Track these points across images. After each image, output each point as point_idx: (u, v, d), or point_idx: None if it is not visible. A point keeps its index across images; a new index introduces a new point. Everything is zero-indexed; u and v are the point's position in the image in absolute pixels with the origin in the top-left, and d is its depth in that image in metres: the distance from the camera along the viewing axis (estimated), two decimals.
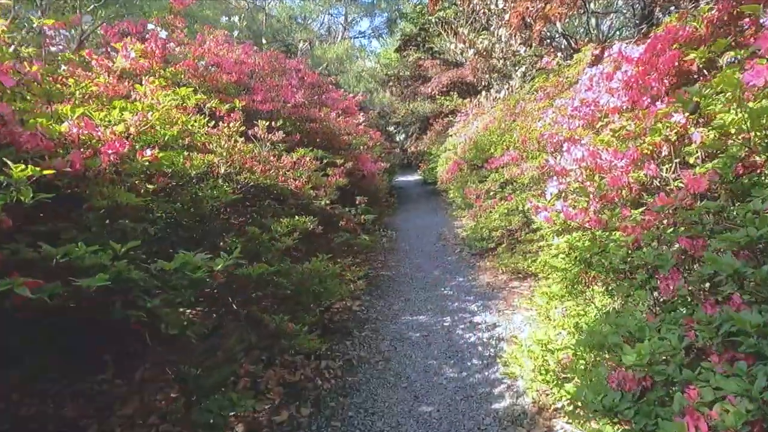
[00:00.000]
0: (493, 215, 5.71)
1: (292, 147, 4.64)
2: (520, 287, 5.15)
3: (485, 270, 5.93)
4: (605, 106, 3.02)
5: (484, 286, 5.34)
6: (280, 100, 4.75)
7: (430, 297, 5.03)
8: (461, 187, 7.44)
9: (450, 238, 8.14)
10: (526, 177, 3.17)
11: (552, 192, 2.54)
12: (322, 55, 12.07)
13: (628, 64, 3.09)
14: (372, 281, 5.64)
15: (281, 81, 5.20)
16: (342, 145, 5.71)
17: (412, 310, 4.62)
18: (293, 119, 5.30)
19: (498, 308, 4.55)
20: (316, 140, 5.66)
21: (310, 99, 5.65)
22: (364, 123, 9.45)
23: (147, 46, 3.12)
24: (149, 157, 1.92)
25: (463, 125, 10.07)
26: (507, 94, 7.62)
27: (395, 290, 5.32)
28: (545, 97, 4.86)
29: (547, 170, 3.19)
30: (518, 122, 5.25)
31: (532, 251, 5.10)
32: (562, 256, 2.54)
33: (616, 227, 2.06)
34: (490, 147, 6.12)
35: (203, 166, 2.76)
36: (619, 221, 2.09)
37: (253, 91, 4.73)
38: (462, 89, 13.06)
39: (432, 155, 13.02)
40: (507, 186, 5.98)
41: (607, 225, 2.05)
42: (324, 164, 4.98)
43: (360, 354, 3.61)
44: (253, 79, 5.10)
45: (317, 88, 6.19)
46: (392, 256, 7.07)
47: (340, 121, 5.77)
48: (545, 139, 3.20)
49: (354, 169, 6.25)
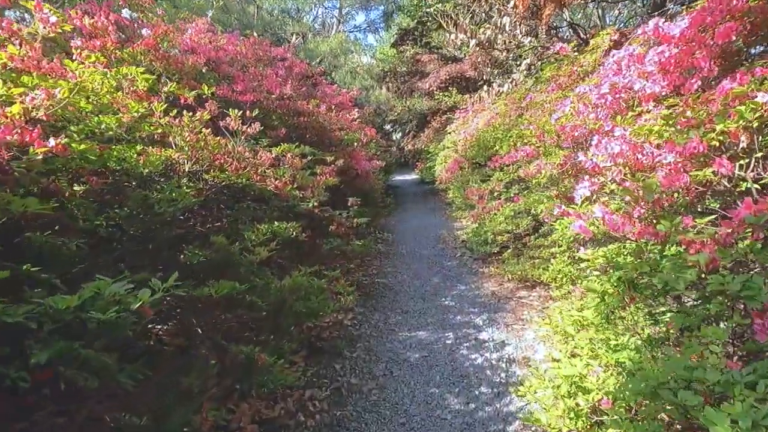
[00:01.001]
0: (498, 218, 5.24)
1: (277, 142, 4.17)
2: (528, 297, 4.69)
3: (489, 277, 5.47)
4: (640, 93, 2.56)
5: (488, 295, 4.87)
6: (263, 91, 4.26)
7: (429, 308, 4.56)
8: (462, 186, 6.98)
9: (450, 241, 7.67)
10: (543, 176, 2.72)
11: (583, 194, 2.07)
12: (315, 48, 11.54)
13: (666, 43, 2.63)
14: (366, 290, 5.16)
15: (266, 71, 4.70)
16: (333, 141, 5.22)
17: (411, 325, 4.14)
18: (279, 112, 4.81)
19: (506, 322, 4.09)
20: (306, 136, 5.18)
21: (299, 91, 5.16)
22: (358, 119, 8.98)
23: (97, 20, 2.63)
24: (53, 147, 1.43)
25: (463, 122, 9.60)
26: (510, 88, 7.16)
27: (391, 300, 4.84)
28: (557, 87, 4.39)
29: (570, 168, 2.73)
30: (526, 116, 4.78)
31: (543, 258, 4.64)
32: (594, 272, 2.07)
33: (678, 241, 1.59)
34: (495, 144, 5.66)
35: (159, 163, 2.27)
36: (679, 233, 1.62)
37: (233, 80, 4.24)
38: (461, 85, 12.59)
39: (430, 153, 12.55)
40: (513, 186, 5.52)
41: (666, 237, 1.58)
42: (313, 162, 4.51)
43: (351, 381, 3.13)
44: (234, 67, 4.61)
45: (307, 79, 5.70)
46: (388, 261, 6.59)
47: (332, 116, 5.28)
48: (566, 132, 2.73)
49: (347, 168, 5.78)
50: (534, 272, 4.72)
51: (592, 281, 2.15)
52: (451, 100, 10.55)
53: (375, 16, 19.65)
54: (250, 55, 4.79)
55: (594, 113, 2.58)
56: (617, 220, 1.69)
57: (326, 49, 11.65)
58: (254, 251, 2.53)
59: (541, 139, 2.94)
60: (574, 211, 2.00)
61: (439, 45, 13.65)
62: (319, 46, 11.68)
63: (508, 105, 6.14)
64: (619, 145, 2.09)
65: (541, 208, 3.61)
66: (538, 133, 2.88)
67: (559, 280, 4.10)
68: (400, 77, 14.57)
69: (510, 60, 7.82)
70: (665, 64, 2.59)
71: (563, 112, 3.19)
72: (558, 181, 3.00)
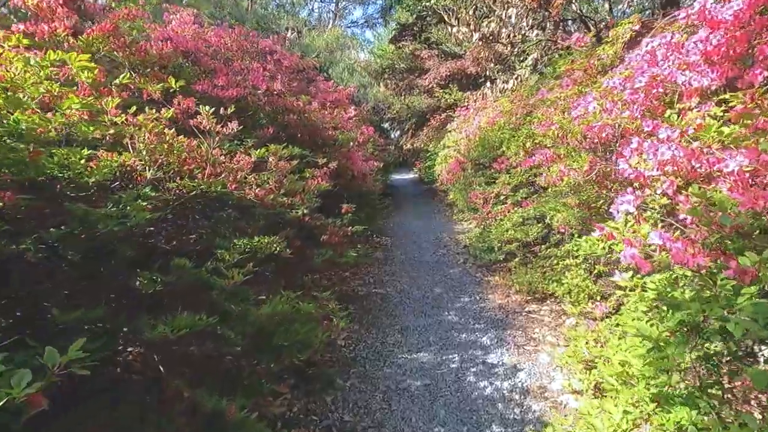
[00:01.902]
0: (505, 224, 4.85)
1: (264, 143, 3.77)
2: (539, 312, 4.30)
3: (495, 288, 5.08)
4: (683, 87, 2.17)
5: (495, 309, 4.49)
6: (248, 86, 3.85)
7: (431, 325, 4.17)
8: (464, 189, 6.59)
9: (451, 246, 7.28)
10: (564, 183, 2.33)
11: (625, 210, 1.68)
12: (311, 43, 11.09)
13: (713, 28, 2.24)
14: (362, 302, 4.77)
15: (253, 64, 4.29)
16: (327, 141, 4.82)
17: (411, 345, 3.75)
18: (267, 110, 4.40)
19: (516, 342, 3.70)
20: (298, 135, 4.77)
21: (291, 87, 4.75)
22: (355, 117, 8.58)
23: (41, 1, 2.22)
24: None
25: (464, 120, 9.21)
26: (515, 84, 6.76)
27: (389, 315, 4.45)
28: (572, 83, 4.00)
29: (597, 175, 2.33)
30: (537, 114, 4.39)
31: (555, 269, 4.26)
32: (641, 306, 1.69)
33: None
34: (501, 144, 5.27)
35: (107, 171, 1.87)
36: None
37: (215, 74, 3.83)
38: (462, 82, 12.19)
39: (429, 153, 12.17)
40: (520, 189, 5.14)
41: (755, 275, 1.19)
42: (304, 164, 4.11)
43: (343, 417, 2.74)
44: (218, 60, 4.19)
45: (299, 72, 5.29)
46: (386, 269, 6.20)
47: (326, 113, 4.88)
48: (594, 133, 2.34)
49: (342, 170, 5.38)
50: (545, 285, 4.34)
51: (631, 314, 1.76)
52: (452, 97, 10.15)
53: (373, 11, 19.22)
54: (235, 47, 4.38)
55: (629, 111, 2.18)
56: (684, 250, 1.30)
57: (322, 45, 11.20)
58: (227, 273, 2.13)
59: (563, 141, 2.55)
60: (616, 232, 1.60)
61: (439, 41, 13.25)
62: (314, 41, 11.23)
63: (514, 102, 5.74)
64: (671, 150, 1.69)
65: (557, 218, 3.23)
66: (560, 134, 2.49)
67: (574, 295, 3.72)
68: (398, 74, 14.16)
69: (514, 55, 7.43)
70: (712, 52, 2.20)
71: (585, 110, 2.80)
72: (579, 189, 2.61)
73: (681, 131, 1.87)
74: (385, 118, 18.78)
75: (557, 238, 4.27)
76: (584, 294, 3.51)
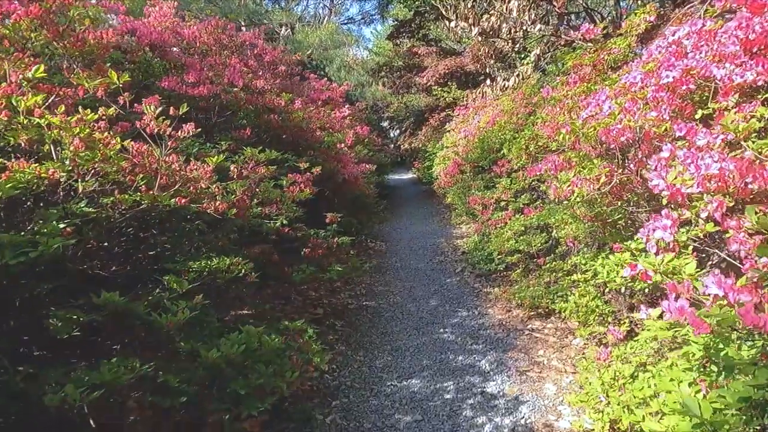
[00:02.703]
0: (506, 233, 4.48)
1: (239, 147, 3.42)
2: (542, 330, 3.94)
3: (494, 301, 4.72)
4: (723, 82, 1.80)
5: (495, 326, 4.13)
6: (222, 83, 3.48)
7: (425, 344, 3.81)
8: (463, 193, 6.23)
9: (448, 252, 6.92)
10: (576, 196, 1.96)
11: (662, 239, 1.32)
12: (304, 39, 10.70)
13: (755, 12, 1.88)
14: (351, 318, 4.41)
15: (231, 59, 3.93)
16: (313, 143, 4.45)
17: (402, 369, 3.39)
18: (249, 109, 4.04)
19: (518, 367, 3.34)
20: (282, 137, 4.41)
21: (274, 84, 4.38)
22: (350, 116, 8.22)
23: None
24: None
25: (463, 120, 8.86)
26: (517, 82, 6.39)
27: (380, 332, 4.09)
28: (579, 80, 3.63)
29: (618, 187, 1.97)
30: (541, 114, 4.02)
31: (561, 284, 3.89)
32: (681, 363, 1.33)
33: None
34: (501, 146, 4.90)
35: (12, 186, 1.51)
36: None
37: (186, 69, 3.46)
38: (461, 80, 11.83)
39: (428, 153, 11.81)
40: (522, 195, 4.77)
41: None
42: (287, 168, 3.76)
43: None
44: (193, 55, 3.83)
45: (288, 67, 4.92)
46: (380, 277, 5.84)
47: (312, 113, 4.51)
48: (611, 136, 1.98)
49: (331, 173, 5.02)
50: (549, 300, 3.98)
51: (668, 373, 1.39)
52: (450, 96, 9.78)
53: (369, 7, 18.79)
54: (212, 41, 4.01)
55: (656, 111, 1.82)
56: (758, 307, 0.94)
57: (315, 41, 10.82)
58: (173, 308, 1.77)
59: (575, 146, 2.19)
60: (651, 269, 1.24)
61: (438, 37, 12.88)
62: (307, 37, 10.83)
63: (516, 101, 5.38)
64: (718, 162, 1.33)
65: (565, 231, 2.87)
66: (572, 139, 2.13)
67: (582, 315, 3.35)
68: (396, 72, 13.79)
69: (515, 51, 7.06)
70: (756, 41, 1.84)
71: (597, 110, 2.43)
72: (593, 203, 2.25)
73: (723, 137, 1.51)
74: (384, 117, 18.43)
75: (563, 249, 3.91)
76: (594, 315, 3.15)
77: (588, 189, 1.88)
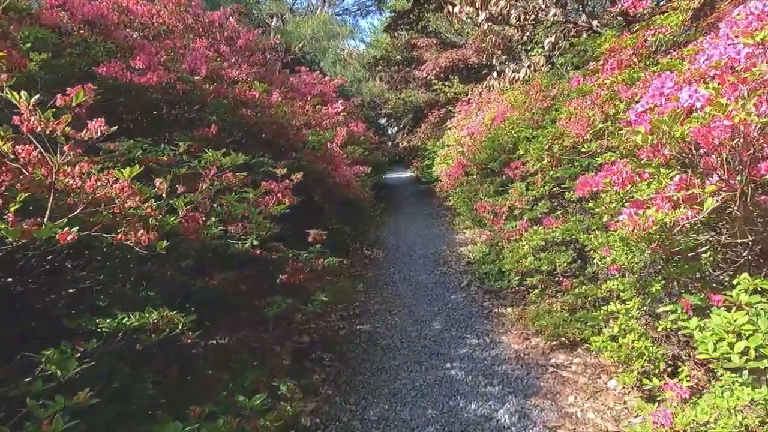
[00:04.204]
0: (522, 247, 3.84)
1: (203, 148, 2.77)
2: (569, 366, 3.31)
3: (508, 325, 4.08)
4: None
5: (511, 359, 3.49)
6: (180, 70, 2.82)
7: (429, 385, 3.17)
8: (469, 198, 5.57)
9: (452, 262, 6.28)
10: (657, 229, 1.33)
11: None
12: (295, 30, 9.97)
13: None
14: (342, 349, 3.77)
15: (195, 43, 3.26)
16: (295, 143, 3.79)
17: (401, 424, 2.75)
18: (219, 103, 3.38)
19: (546, 422, 2.70)
20: (262, 136, 3.75)
21: (249, 73, 3.71)
22: (343, 112, 7.55)
23: None
24: None
25: (465, 116, 8.21)
26: (528, 73, 5.74)
27: (375, 368, 3.45)
28: (617, 67, 2.99)
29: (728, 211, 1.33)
30: (567, 108, 3.37)
31: (589, 312, 3.26)
32: None
33: None
34: (515, 146, 4.25)
35: None
36: None
37: (132, 52, 2.80)
38: (463, 74, 11.16)
39: (427, 151, 11.17)
40: (540, 202, 4.12)
41: None
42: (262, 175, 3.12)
43: None
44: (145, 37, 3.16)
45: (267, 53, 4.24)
46: (376, 293, 5.20)
47: (297, 108, 3.85)
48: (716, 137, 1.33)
49: (321, 176, 4.37)
50: (576, 330, 3.35)
51: None
52: (452, 90, 9.11)
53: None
54: (174, 20, 3.33)
55: None
56: None
57: (308, 32, 10.11)
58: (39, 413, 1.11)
59: (657, 152, 1.53)
60: None
61: (438, 29, 12.21)
62: (299, 27, 10.11)
63: (530, 94, 4.72)
64: None
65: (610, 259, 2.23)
66: (653, 143, 1.46)
67: (622, 357, 2.71)
68: (393, 66, 13.11)
69: (526, 39, 6.40)
70: None
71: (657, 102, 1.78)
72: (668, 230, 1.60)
73: None
74: (382, 114, 17.79)
75: (595, 269, 3.27)
76: (641, 361, 2.50)
77: (683, 217, 1.23)
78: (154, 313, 1.52)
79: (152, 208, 1.78)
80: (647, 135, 1.41)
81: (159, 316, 1.52)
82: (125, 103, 2.95)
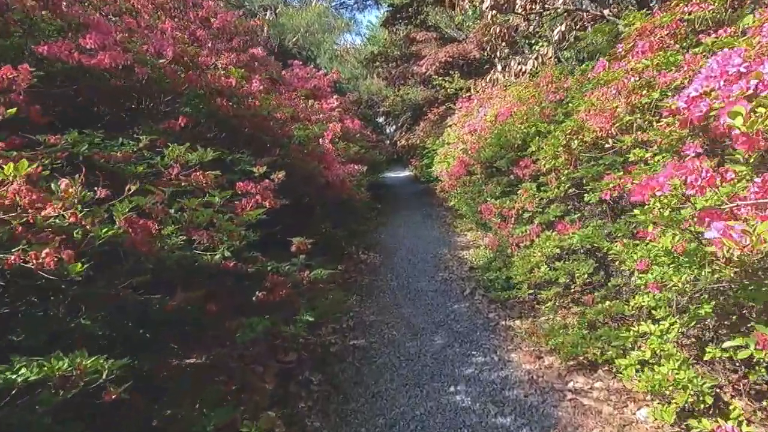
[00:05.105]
0: (534, 255, 3.44)
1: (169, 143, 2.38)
2: (589, 392, 2.91)
3: (518, 340, 3.69)
4: None
5: (524, 382, 3.09)
6: (140, 51, 2.41)
7: (431, 414, 2.78)
8: (472, 199, 5.17)
9: (454, 267, 5.88)
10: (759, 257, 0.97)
11: None
12: (288, 22, 9.51)
13: None
14: (332, 370, 3.37)
15: (164, 23, 2.85)
16: (282, 137, 3.38)
17: None
18: (194, 92, 2.97)
19: None
20: (243, 130, 3.35)
21: (229, 60, 3.30)
22: (338, 107, 7.16)
23: None
24: None
25: (466, 113, 7.81)
26: (536, 65, 5.34)
27: (370, 393, 3.05)
28: (649, 49, 2.59)
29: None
30: (589, 99, 2.98)
31: (612, 330, 2.87)
32: None
33: None
34: (525, 142, 3.86)
35: None
36: None
37: (87, 30, 2.39)
38: (463, 70, 10.77)
39: (426, 150, 10.78)
40: (552, 204, 3.73)
41: None
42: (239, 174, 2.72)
43: None
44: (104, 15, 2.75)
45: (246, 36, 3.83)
46: (372, 303, 4.80)
47: (282, 99, 3.44)
48: None
49: (311, 175, 3.98)
50: (597, 350, 2.96)
51: None
52: (453, 85, 8.71)
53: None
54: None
55: None
56: None
57: (303, 24, 9.66)
58: None
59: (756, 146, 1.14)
60: None
61: (437, 24, 11.80)
62: (292, 19, 9.64)
63: (540, 86, 4.32)
64: None
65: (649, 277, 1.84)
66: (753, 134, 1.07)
67: (658, 388, 2.31)
68: (392, 62, 12.70)
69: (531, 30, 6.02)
70: None
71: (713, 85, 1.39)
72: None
73: None
74: (380, 112, 17.41)
75: (619, 282, 2.87)
76: (685, 396, 2.11)
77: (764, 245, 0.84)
78: (63, 361, 1.12)
79: (77, 216, 1.37)
80: (748, 119, 1.02)
81: (70, 364, 1.12)
82: (81, 90, 2.55)
